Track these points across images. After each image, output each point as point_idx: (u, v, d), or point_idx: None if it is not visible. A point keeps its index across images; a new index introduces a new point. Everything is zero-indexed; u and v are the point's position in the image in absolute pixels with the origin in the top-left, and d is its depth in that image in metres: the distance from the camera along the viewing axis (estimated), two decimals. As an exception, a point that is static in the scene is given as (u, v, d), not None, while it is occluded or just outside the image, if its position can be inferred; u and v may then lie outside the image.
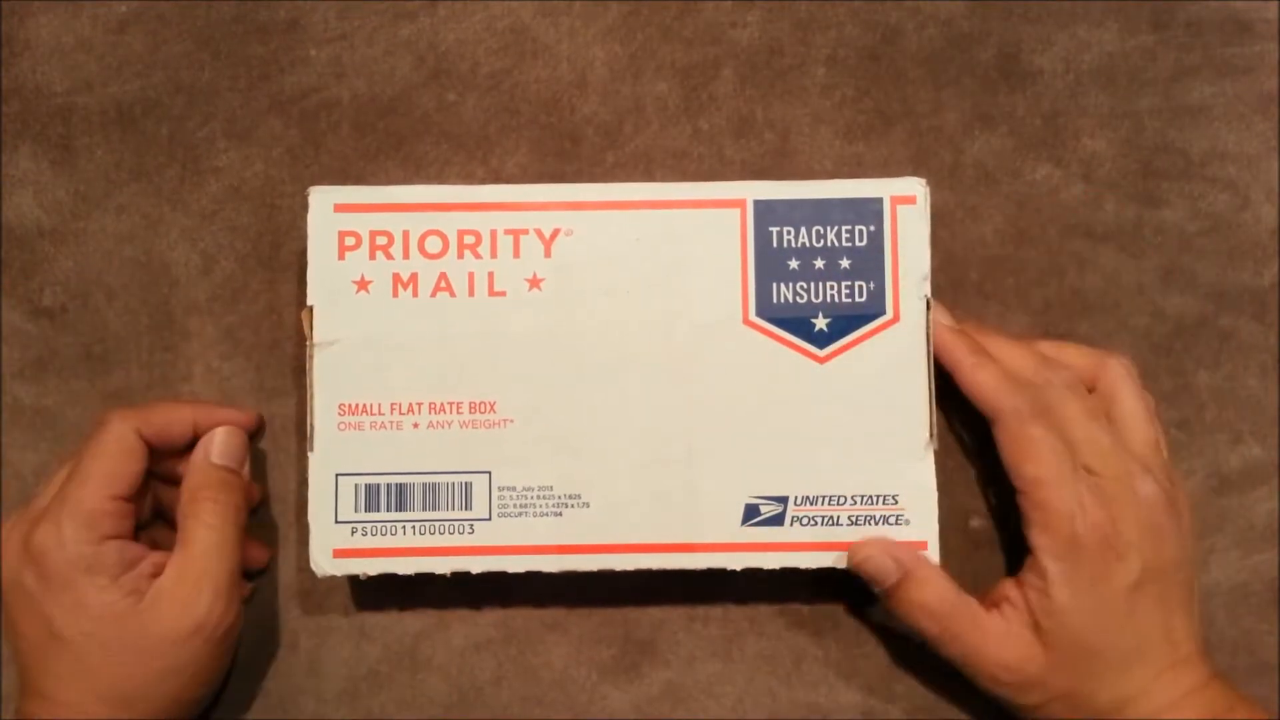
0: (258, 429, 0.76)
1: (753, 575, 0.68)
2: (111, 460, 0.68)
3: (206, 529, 0.68)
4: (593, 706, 0.75)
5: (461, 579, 0.68)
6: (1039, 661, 0.67)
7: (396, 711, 0.74)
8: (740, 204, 0.68)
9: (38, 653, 0.66)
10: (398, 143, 0.77)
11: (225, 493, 0.69)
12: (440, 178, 0.77)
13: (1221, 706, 0.66)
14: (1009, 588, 0.68)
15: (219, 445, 0.71)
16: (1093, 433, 0.67)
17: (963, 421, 0.76)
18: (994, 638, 0.67)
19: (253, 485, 0.74)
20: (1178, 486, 0.69)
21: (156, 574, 0.67)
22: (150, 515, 0.73)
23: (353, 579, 0.73)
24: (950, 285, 0.76)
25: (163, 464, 0.72)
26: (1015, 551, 0.70)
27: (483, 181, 0.77)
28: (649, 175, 0.77)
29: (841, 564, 0.68)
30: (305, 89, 0.78)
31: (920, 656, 0.73)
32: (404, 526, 0.67)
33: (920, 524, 0.68)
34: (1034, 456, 0.66)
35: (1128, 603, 0.65)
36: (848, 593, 0.75)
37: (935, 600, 0.68)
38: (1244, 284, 0.77)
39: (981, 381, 0.68)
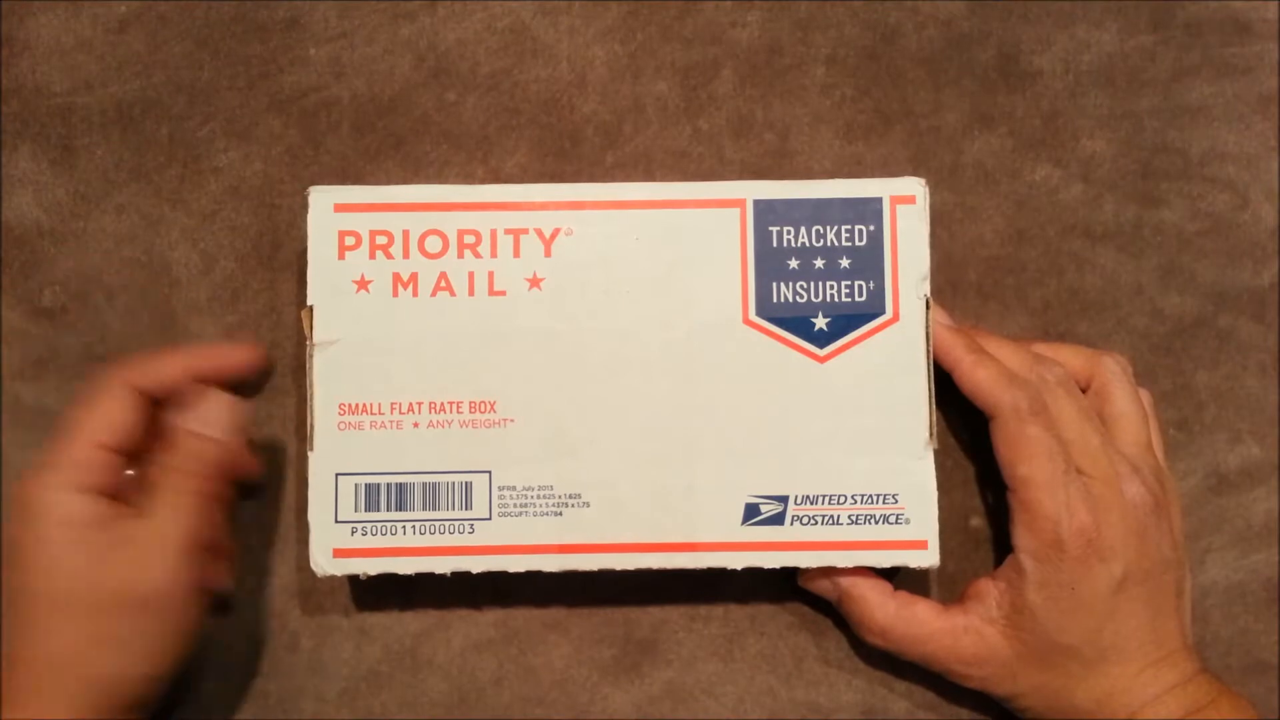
0: (265, 371, 0.75)
1: (753, 574, 0.69)
2: (98, 410, 0.67)
3: (164, 494, 0.66)
4: (593, 706, 0.75)
5: (462, 579, 0.68)
6: (1002, 656, 0.68)
7: (396, 711, 0.75)
8: (740, 204, 0.68)
9: (11, 609, 0.66)
10: (398, 142, 0.77)
11: (190, 460, 0.67)
12: (440, 177, 0.77)
13: (1203, 700, 0.66)
14: (983, 584, 0.70)
15: (198, 411, 0.69)
16: (1084, 433, 0.68)
17: (962, 421, 0.76)
18: (945, 638, 0.69)
19: (251, 459, 0.73)
20: (1168, 487, 0.69)
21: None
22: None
23: (352, 579, 0.73)
24: (950, 285, 0.77)
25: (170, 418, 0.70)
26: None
27: (483, 181, 0.77)
28: (649, 175, 0.77)
29: (842, 563, 0.68)
30: (305, 88, 0.78)
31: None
32: (404, 526, 0.67)
33: (920, 523, 0.68)
34: (1028, 456, 0.67)
35: (1109, 604, 0.66)
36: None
37: (874, 615, 0.70)
38: (1243, 284, 0.77)
39: (981, 378, 0.68)
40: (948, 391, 0.70)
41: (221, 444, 0.69)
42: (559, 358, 0.68)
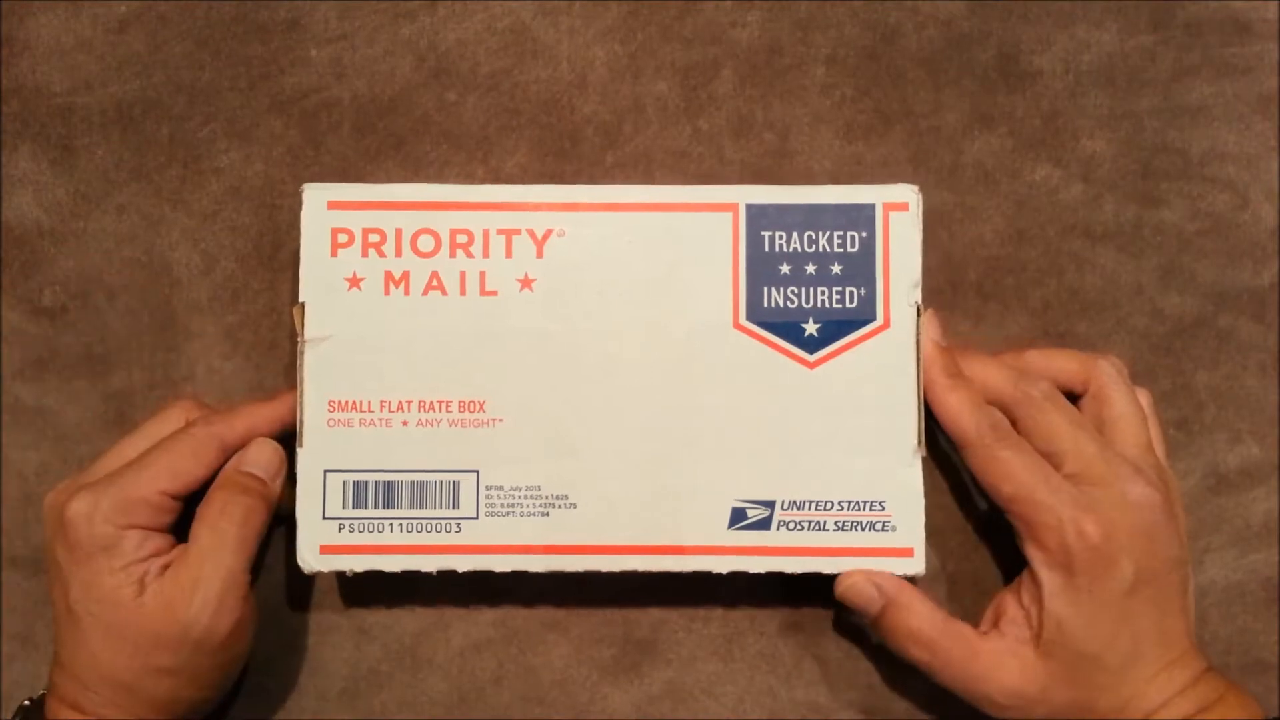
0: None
1: (753, 575, 0.69)
2: (178, 459, 0.68)
3: (209, 530, 0.67)
4: (593, 706, 0.75)
5: (461, 578, 0.68)
6: (1040, 679, 0.66)
7: (396, 711, 0.75)
8: (733, 208, 0.68)
9: (59, 622, 0.67)
10: (398, 143, 0.77)
11: (238, 495, 0.68)
12: (440, 178, 0.77)
13: (1212, 697, 0.66)
14: (1007, 603, 0.69)
15: (249, 454, 0.70)
16: (1078, 441, 0.67)
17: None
18: (990, 660, 0.67)
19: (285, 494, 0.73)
20: (1171, 485, 0.69)
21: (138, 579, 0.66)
22: None
23: (341, 577, 0.73)
24: (949, 285, 0.77)
25: None
26: (1014, 551, 0.69)
27: (482, 181, 0.77)
28: (649, 175, 0.77)
29: (828, 569, 0.68)
30: (306, 89, 0.78)
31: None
32: (391, 524, 0.68)
33: (907, 531, 0.68)
34: (1007, 475, 0.67)
35: (1123, 607, 0.65)
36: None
37: (923, 627, 0.68)
38: (1243, 284, 0.77)
39: (950, 404, 0.68)
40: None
41: (268, 485, 0.70)
42: (549, 359, 0.68)
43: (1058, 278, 0.77)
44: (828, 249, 0.68)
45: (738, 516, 0.68)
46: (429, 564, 0.68)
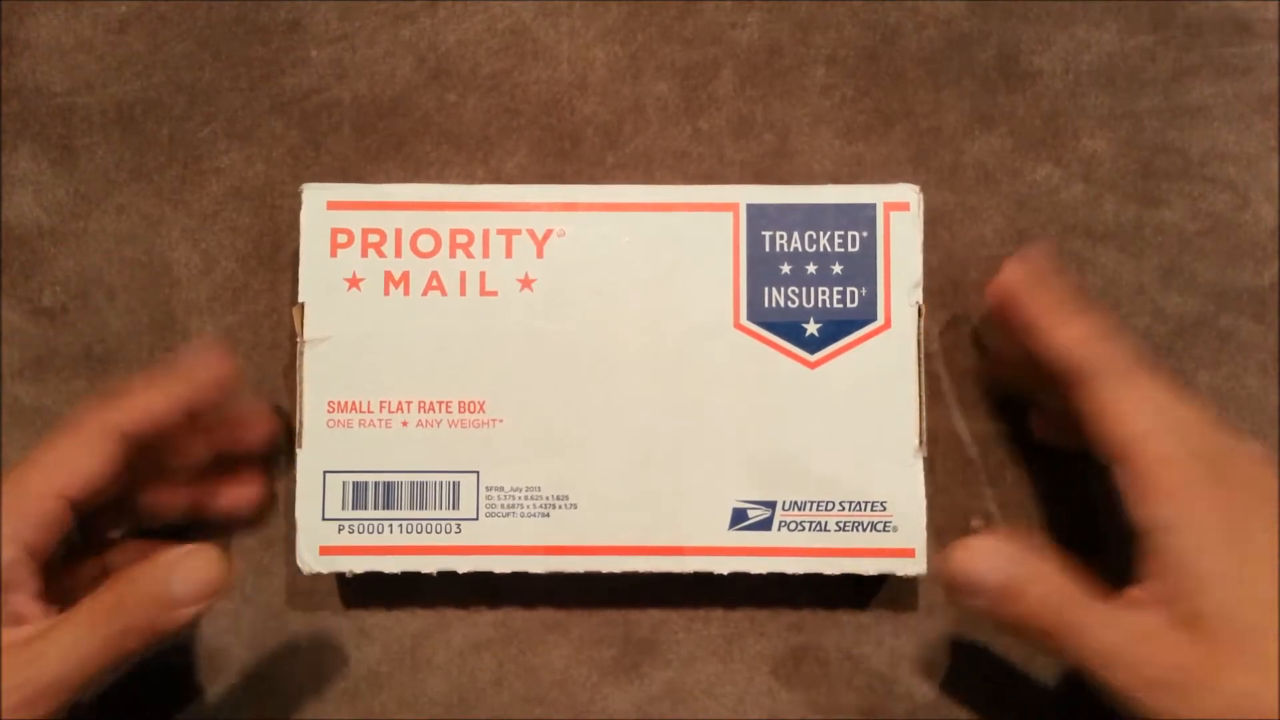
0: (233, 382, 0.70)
1: (754, 575, 0.68)
2: (65, 448, 0.62)
3: (88, 619, 0.58)
4: (593, 706, 0.75)
5: (461, 578, 0.68)
6: (1198, 654, 0.55)
7: (396, 711, 0.75)
8: (733, 208, 0.68)
9: None
10: (398, 143, 0.77)
11: (143, 607, 0.58)
12: (440, 178, 0.77)
13: None
14: (1133, 591, 0.59)
15: (184, 566, 0.59)
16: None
17: (964, 420, 0.75)
18: (1138, 627, 0.57)
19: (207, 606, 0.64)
20: None
21: (11, 622, 0.58)
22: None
23: (340, 578, 0.73)
24: (950, 285, 0.76)
25: (167, 456, 0.68)
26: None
27: (483, 182, 0.77)
28: (649, 175, 0.77)
29: (829, 569, 0.68)
30: (306, 90, 0.78)
31: (920, 665, 0.73)
32: (391, 525, 0.68)
33: (908, 532, 0.68)
34: (1137, 409, 0.60)
35: (1270, 572, 0.56)
36: (845, 595, 0.75)
37: (1062, 592, 0.59)
38: (1244, 284, 0.77)
39: (1072, 335, 0.63)
40: (950, 390, 0.70)
41: (175, 614, 0.58)
42: (549, 359, 0.68)
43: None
44: (828, 249, 0.68)
45: (738, 517, 0.68)
46: (429, 565, 0.68)
